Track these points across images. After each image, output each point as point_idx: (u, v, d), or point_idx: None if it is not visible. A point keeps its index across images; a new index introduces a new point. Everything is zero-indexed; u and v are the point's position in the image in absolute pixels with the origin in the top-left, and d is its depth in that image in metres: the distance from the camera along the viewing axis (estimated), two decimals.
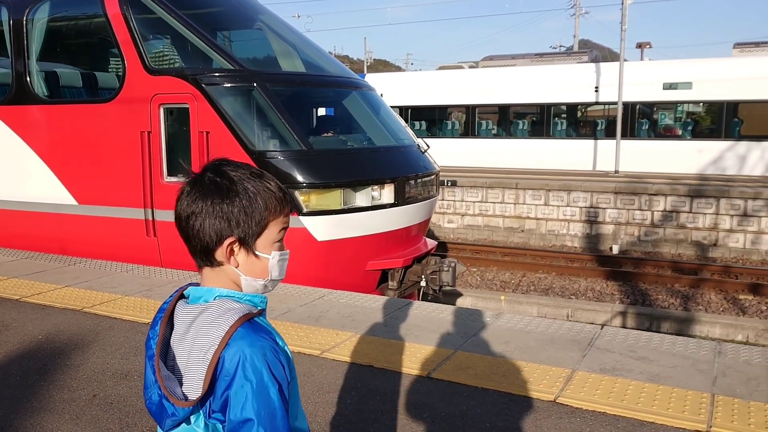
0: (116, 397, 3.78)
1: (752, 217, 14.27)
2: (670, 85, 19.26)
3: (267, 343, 1.33)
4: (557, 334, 4.72)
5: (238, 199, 1.36)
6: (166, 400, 1.31)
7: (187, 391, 1.33)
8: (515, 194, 16.44)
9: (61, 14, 7.99)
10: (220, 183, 1.37)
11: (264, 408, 1.27)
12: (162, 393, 1.31)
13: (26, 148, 7.77)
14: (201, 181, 1.38)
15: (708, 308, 10.70)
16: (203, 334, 1.33)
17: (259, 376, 1.28)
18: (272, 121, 6.79)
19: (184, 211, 1.38)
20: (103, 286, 6.16)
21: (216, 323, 1.33)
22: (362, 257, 6.94)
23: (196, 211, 1.36)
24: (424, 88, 23.23)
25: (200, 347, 1.32)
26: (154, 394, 1.33)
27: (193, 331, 1.36)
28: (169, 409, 1.31)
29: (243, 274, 1.41)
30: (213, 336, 1.31)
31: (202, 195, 1.37)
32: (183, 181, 1.44)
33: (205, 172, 1.40)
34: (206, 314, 1.36)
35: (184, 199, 1.39)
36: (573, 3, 42.30)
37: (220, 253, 1.39)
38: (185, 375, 1.34)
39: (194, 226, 1.37)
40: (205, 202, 1.36)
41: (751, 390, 3.69)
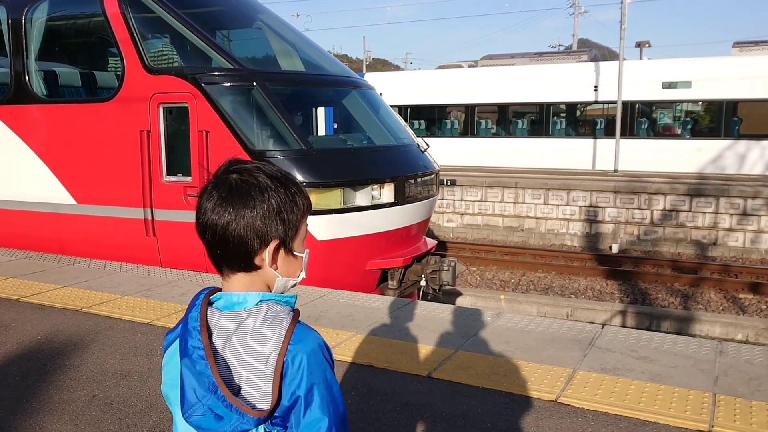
0: (116, 397, 3.77)
1: (752, 216, 14.27)
2: (670, 84, 19.26)
3: (321, 340, 1.34)
4: (558, 333, 4.71)
5: (276, 201, 1.33)
6: (235, 412, 1.26)
7: (250, 400, 1.29)
8: (515, 193, 16.43)
9: (60, 13, 7.97)
10: (254, 185, 1.33)
11: (333, 406, 1.30)
12: (225, 404, 1.26)
13: (25, 148, 7.75)
14: (229, 185, 1.33)
15: (708, 307, 10.70)
16: (256, 340, 1.30)
17: (323, 375, 1.30)
18: (272, 120, 6.78)
19: (219, 218, 1.32)
20: (102, 286, 6.15)
21: (269, 328, 1.30)
22: (362, 257, 6.93)
23: (235, 218, 1.31)
24: (424, 87, 23.21)
25: (258, 354, 1.29)
26: (201, 408, 1.28)
27: (238, 339, 1.31)
28: (236, 421, 1.26)
29: (281, 275, 1.39)
30: (271, 341, 1.28)
31: (238, 199, 1.32)
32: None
33: (229, 174, 1.35)
34: (253, 320, 1.32)
35: (217, 206, 1.32)
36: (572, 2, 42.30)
37: (261, 257, 1.36)
38: (242, 384, 1.30)
39: (235, 233, 1.32)
40: (245, 207, 1.31)
41: (753, 390, 3.69)
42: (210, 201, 1.34)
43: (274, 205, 1.34)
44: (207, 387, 1.27)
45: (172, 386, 1.37)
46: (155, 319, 5.15)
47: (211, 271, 6.78)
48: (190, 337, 1.32)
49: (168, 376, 1.40)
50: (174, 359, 1.37)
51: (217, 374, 1.27)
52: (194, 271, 6.73)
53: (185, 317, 1.37)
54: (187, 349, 1.31)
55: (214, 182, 1.36)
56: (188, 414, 1.29)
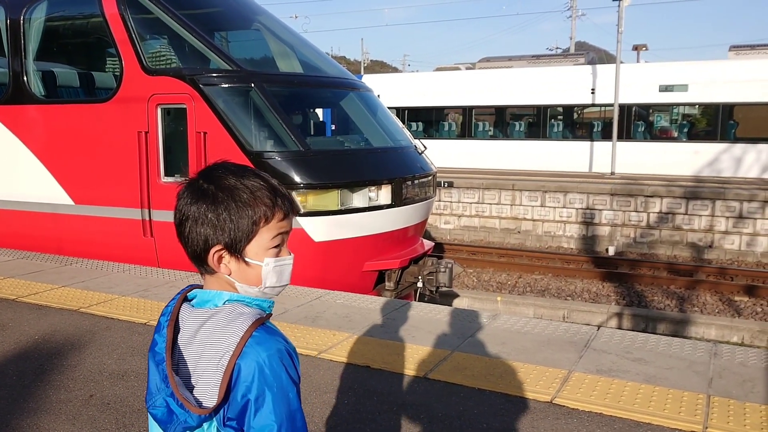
0: (113, 397, 3.78)
1: (748, 219, 14.33)
2: (666, 87, 19.32)
3: (282, 345, 1.32)
4: (554, 335, 4.73)
5: (223, 206, 1.33)
6: (180, 407, 1.28)
7: (199, 398, 1.30)
8: (512, 195, 16.46)
9: (59, 14, 7.98)
10: (207, 189, 1.34)
11: (285, 412, 1.28)
12: (175, 399, 1.28)
13: (23, 148, 7.75)
14: (193, 186, 1.37)
15: (703, 309, 10.73)
16: (215, 339, 1.31)
17: (279, 380, 1.28)
18: (269, 121, 6.80)
19: (177, 216, 1.38)
20: (99, 286, 6.15)
21: (228, 328, 1.31)
22: (359, 258, 6.95)
23: (188, 217, 1.35)
24: (421, 89, 23.25)
25: (213, 353, 1.30)
26: (159, 400, 1.30)
27: (201, 336, 1.33)
28: (181, 416, 1.28)
29: (237, 281, 1.38)
30: (227, 342, 1.29)
31: (193, 200, 1.35)
32: (180, 182, 1.43)
33: (199, 176, 1.39)
34: (216, 319, 1.33)
35: (179, 204, 1.38)
36: (569, 5, 42.41)
37: (209, 260, 1.37)
38: (196, 381, 1.31)
39: (185, 232, 1.36)
40: (197, 207, 1.34)
41: (747, 391, 3.71)
42: (178, 199, 1.39)
43: (221, 210, 1.33)
44: (163, 380, 1.31)
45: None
46: (152, 319, 5.16)
47: None
48: (158, 332, 1.37)
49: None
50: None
51: (170, 369, 1.30)
52: (191, 272, 6.74)
53: (164, 310, 1.42)
54: (153, 343, 1.36)
55: (186, 183, 1.40)
56: (150, 405, 1.33)
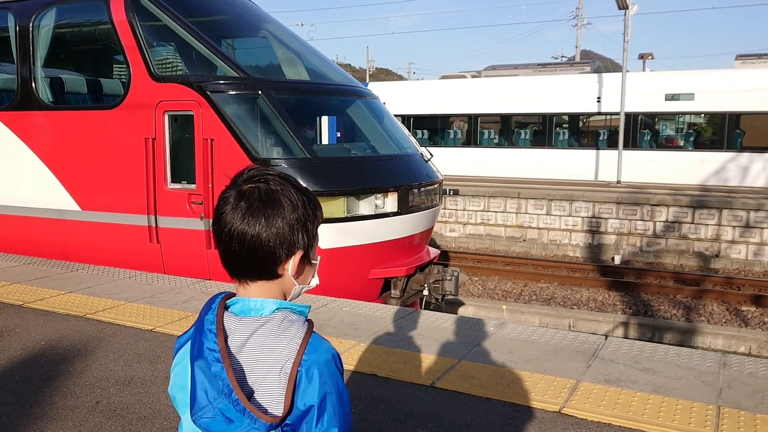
0: (119, 404, 3.77)
1: (754, 229, 14.26)
2: (672, 96, 19.29)
3: (334, 350, 1.36)
4: (561, 344, 4.70)
5: (302, 212, 1.36)
6: (246, 416, 1.26)
7: (261, 405, 1.30)
8: (517, 204, 16.43)
9: (67, 21, 8.02)
10: (284, 195, 1.35)
11: (343, 415, 1.32)
12: (236, 407, 1.26)
13: (30, 154, 7.78)
14: (258, 194, 1.34)
15: (710, 319, 10.67)
16: (272, 346, 1.31)
17: (336, 384, 1.32)
18: (276, 128, 6.80)
19: (250, 228, 1.32)
20: (105, 292, 6.16)
21: (285, 336, 1.32)
22: (365, 265, 6.93)
23: (266, 227, 1.32)
24: (427, 97, 23.27)
25: (273, 360, 1.30)
26: (211, 410, 1.27)
27: (254, 344, 1.32)
28: (245, 426, 1.26)
29: (298, 284, 1.42)
30: (287, 350, 1.30)
31: (270, 209, 1.33)
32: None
33: (255, 183, 1.36)
34: (269, 327, 1.33)
35: (247, 215, 1.32)
36: (575, 14, 42.47)
37: (284, 267, 1.37)
38: (255, 389, 1.31)
39: (265, 243, 1.33)
40: (276, 216, 1.33)
41: (757, 402, 3.68)
42: (237, 210, 1.33)
43: (301, 216, 1.36)
44: (220, 390, 1.27)
45: (181, 388, 1.37)
46: (159, 326, 5.15)
47: (215, 278, 6.79)
48: (206, 339, 1.32)
49: (177, 378, 1.40)
50: (184, 361, 1.37)
51: (233, 377, 1.28)
52: (198, 279, 6.74)
53: (200, 319, 1.37)
54: (201, 350, 1.31)
55: (238, 191, 1.36)
56: (198, 416, 1.29)
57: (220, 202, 1.37)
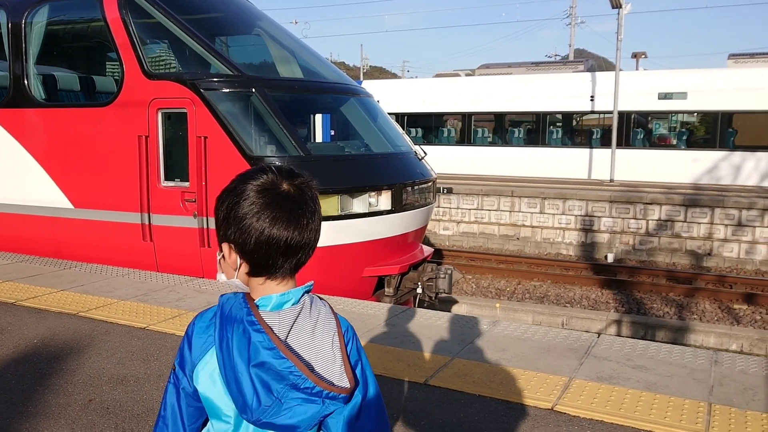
0: (112, 402, 3.77)
1: (747, 227, 14.33)
2: (665, 95, 19.34)
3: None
4: (554, 342, 4.72)
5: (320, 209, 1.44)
6: (321, 399, 1.31)
7: (332, 381, 1.36)
8: (511, 202, 16.46)
9: (60, 18, 7.98)
10: (312, 197, 1.41)
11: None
12: (318, 392, 1.31)
13: (23, 152, 7.75)
14: (296, 196, 1.36)
15: (702, 317, 10.72)
16: (315, 329, 1.37)
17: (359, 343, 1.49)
18: (270, 126, 6.80)
19: (297, 231, 1.35)
20: (98, 290, 6.14)
21: (321, 316, 1.39)
22: (359, 263, 6.94)
23: (314, 229, 1.39)
24: (421, 95, 23.25)
25: (321, 340, 1.36)
26: (276, 408, 1.31)
27: (297, 332, 1.36)
28: (319, 410, 1.32)
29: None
30: (328, 326, 1.39)
31: (309, 211, 1.38)
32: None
33: (281, 184, 1.36)
34: (304, 313, 1.38)
35: (293, 218, 1.35)
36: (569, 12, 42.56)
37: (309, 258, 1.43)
38: (317, 370, 1.34)
39: (311, 242, 1.39)
40: (315, 218, 1.39)
41: (748, 399, 3.70)
42: (282, 211, 1.34)
43: (319, 213, 1.44)
44: (287, 383, 1.30)
45: (220, 394, 1.36)
46: (152, 323, 5.14)
47: (208, 276, 6.78)
48: (248, 338, 1.31)
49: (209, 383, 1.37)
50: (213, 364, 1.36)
51: (304, 367, 1.31)
52: (191, 276, 6.73)
53: (224, 320, 1.35)
54: (249, 347, 1.31)
55: (272, 193, 1.35)
56: (260, 415, 1.30)
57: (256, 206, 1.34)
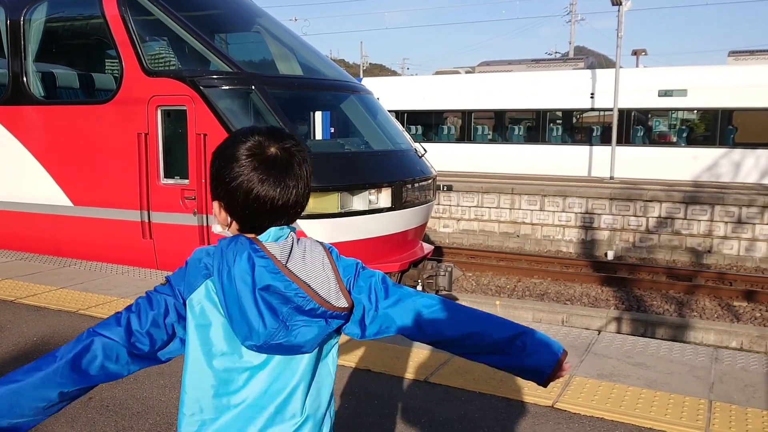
0: (112, 400, 3.76)
1: (746, 224, 14.33)
2: (666, 92, 19.32)
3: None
4: (554, 339, 4.71)
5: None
6: (323, 318, 1.41)
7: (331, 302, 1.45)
8: (511, 199, 16.45)
9: (59, 15, 7.97)
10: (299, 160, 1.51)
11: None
12: (322, 312, 1.40)
13: (22, 149, 7.74)
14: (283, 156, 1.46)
15: (702, 314, 10.72)
16: (306, 255, 1.47)
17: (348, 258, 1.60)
18: (269, 123, 6.78)
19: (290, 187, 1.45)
20: (98, 287, 6.13)
21: (308, 245, 1.50)
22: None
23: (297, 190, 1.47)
24: (421, 92, 23.24)
25: (313, 264, 1.45)
26: (282, 331, 1.38)
27: (294, 259, 1.44)
28: (321, 329, 1.42)
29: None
30: (316, 251, 1.49)
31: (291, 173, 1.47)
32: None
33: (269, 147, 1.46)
34: (296, 243, 1.49)
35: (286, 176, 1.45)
36: (569, 10, 42.50)
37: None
38: (316, 292, 1.42)
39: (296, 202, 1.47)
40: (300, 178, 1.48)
41: (748, 397, 3.70)
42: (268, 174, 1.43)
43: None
44: (294, 305, 1.39)
45: (217, 325, 1.43)
46: None
47: None
48: (254, 261, 1.39)
49: (204, 317, 1.44)
50: (207, 298, 1.43)
51: (308, 288, 1.40)
52: None
53: (226, 251, 1.42)
54: (253, 273, 1.38)
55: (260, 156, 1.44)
56: (267, 338, 1.37)
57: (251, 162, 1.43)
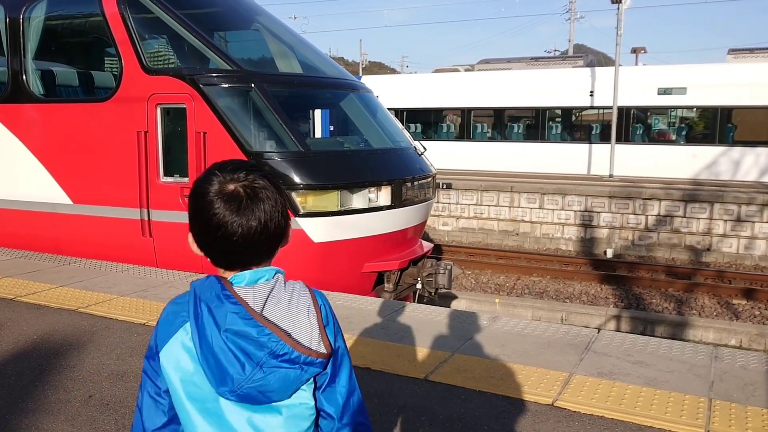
0: (112, 398, 3.76)
1: (746, 223, 14.34)
2: (665, 90, 19.32)
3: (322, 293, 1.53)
4: (554, 337, 4.72)
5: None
6: (299, 365, 1.33)
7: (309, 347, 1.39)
8: (510, 197, 16.46)
9: (58, 13, 7.95)
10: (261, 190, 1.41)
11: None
12: (297, 358, 1.33)
13: (22, 147, 7.73)
14: (248, 190, 1.38)
15: (701, 312, 10.73)
16: (290, 300, 1.39)
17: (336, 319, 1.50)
18: (269, 122, 6.78)
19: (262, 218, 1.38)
20: (98, 286, 6.13)
21: (295, 290, 1.42)
22: (358, 259, 6.93)
23: (261, 222, 1.39)
24: (420, 90, 23.23)
25: (296, 310, 1.38)
26: (258, 374, 1.32)
27: (272, 304, 1.37)
28: (297, 376, 1.34)
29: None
30: (303, 298, 1.41)
31: (253, 208, 1.38)
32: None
33: (227, 185, 1.39)
34: (278, 287, 1.41)
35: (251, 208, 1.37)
36: (568, 8, 42.44)
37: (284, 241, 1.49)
38: (294, 338, 1.36)
39: (262, 234, 1.40)
40: (263, 210, 1.39)
41: (748, 395, 3.71)
42: (229, 212, 1.36)
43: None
44: (266, 352, 1.31)
45: (192, 375, 1.36)
46: (152, 319, 5.14)
47: (208, 272, 6.75)
48: (221, 311, 1.33)
49: (181, 371, 1.38)
50: (177, 347, 1.38)
51: (282, 333, 1.33)
52: (190, 272, 6.72)
53: (197, 298, 1.38)
54: (225, 321, 1.32)
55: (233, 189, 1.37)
56: (238, 386, 1.31)
57: (215, 205, 1.37)
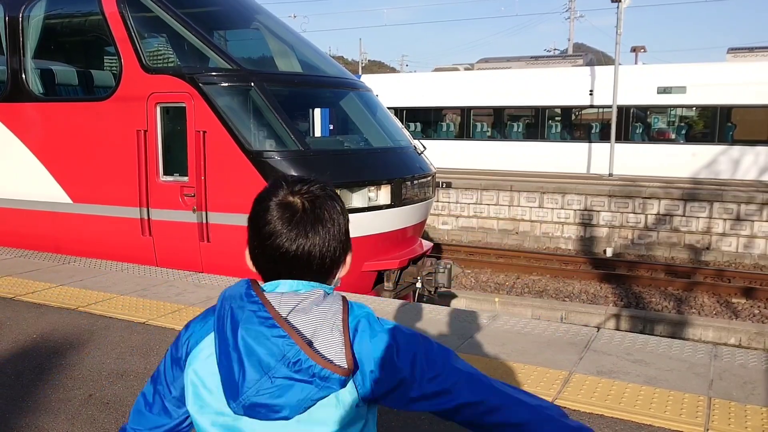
0: (112, 397, 3.76)
1: (745, 221, 14.34)
2: (665, 89, 19.32)
3: (368, 308, 1.38)
4: (554, 336, 4.72)
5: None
6: (314, 379, 1.20)
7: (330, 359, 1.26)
8: (510, 196, 16.46)
9: (58, 12, 7.95)
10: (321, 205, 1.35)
11: (412, 340, 1.37)
12: (313, 370, 1.20)
13: (21, 146, 7.73)
14: (308, 208, 1.32)
15: (701, 311, 10.74)
16: (318, 311, 1.28)
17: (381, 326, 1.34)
18: (269, 120, 6.78)
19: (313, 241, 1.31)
20: (98, 285, 6.13)
21: (327, 302, 1.31)
22: (358, 258, 6.92)
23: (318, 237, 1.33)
24: (420, 89, 23.22)
25: (322, 321, 1.27)
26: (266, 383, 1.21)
27: (299, 312, 1.27)
28: (310, 392, 1.22)
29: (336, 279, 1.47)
30: (333, 309, 1.29)
31: (312, 222, 1.32)
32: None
33: (288, 197, 1.33)
34: (311, 298, 1.30)
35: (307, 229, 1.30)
36: (568, 6, 42.45)
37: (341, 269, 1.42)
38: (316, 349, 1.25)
39: (318, 250, 1.33)
40: (323, 224, 1.33)
41: (748, 393, 3.71)
42: (286, 226, 1.30)
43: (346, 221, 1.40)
44: (279, 357, 1.20)
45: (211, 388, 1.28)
46: (151, 318, 5.14)
47: (207, 271, 6.77)
48: (241, 308, 1.26)
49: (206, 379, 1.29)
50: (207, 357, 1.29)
51: (298, 337, 1.22)
52: (190, 271, 6.72)
53: (224, 299, 1.30)
54: (241, 316, 1.25)
55: (294, 206, 1.31)
56: (246, 396, 1.20)
57: (270, 212, 1.31)
